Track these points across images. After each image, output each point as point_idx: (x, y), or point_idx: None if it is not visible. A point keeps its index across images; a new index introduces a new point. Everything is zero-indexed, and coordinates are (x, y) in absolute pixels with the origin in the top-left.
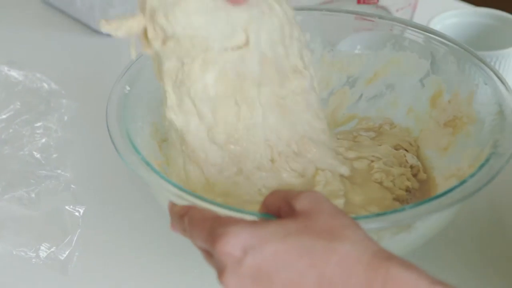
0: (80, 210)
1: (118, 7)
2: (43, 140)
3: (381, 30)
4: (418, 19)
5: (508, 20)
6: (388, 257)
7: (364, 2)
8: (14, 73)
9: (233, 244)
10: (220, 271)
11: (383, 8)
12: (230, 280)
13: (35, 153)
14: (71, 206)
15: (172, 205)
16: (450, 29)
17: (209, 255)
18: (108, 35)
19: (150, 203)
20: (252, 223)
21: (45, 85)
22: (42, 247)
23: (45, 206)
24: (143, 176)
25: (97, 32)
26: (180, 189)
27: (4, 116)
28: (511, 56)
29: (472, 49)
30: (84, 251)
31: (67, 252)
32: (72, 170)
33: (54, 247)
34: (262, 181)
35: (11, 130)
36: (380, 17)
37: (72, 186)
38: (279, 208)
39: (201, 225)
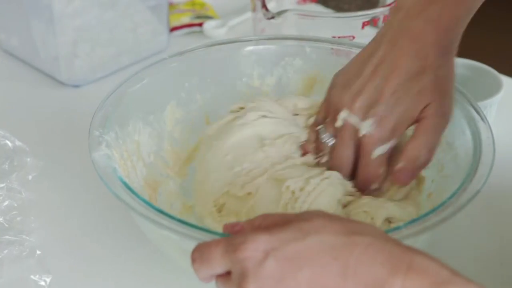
0: (46, 279)
1: (84, 57)
2: (6, 202)
3: None
4: None
5: (485, 71)
6: (409, 247)
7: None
8: None
9: (253, 248)
10: (242, 278)
11: None
12: (252, 284)
13: None
14: (37, 276)
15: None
16: None
17: (225, 277)
18: (75, 87)
19: (124, 271)
20: (267, 229)
21: (8, 142)
22: None
23: (8, 274)
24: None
25: (62, 83)
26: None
27: None
28: (489, 107)
29: None
30: None
31: None
32: (37, 235)
33: None
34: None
35: None
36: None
37: (38, 252)
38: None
39: (215, 245)
